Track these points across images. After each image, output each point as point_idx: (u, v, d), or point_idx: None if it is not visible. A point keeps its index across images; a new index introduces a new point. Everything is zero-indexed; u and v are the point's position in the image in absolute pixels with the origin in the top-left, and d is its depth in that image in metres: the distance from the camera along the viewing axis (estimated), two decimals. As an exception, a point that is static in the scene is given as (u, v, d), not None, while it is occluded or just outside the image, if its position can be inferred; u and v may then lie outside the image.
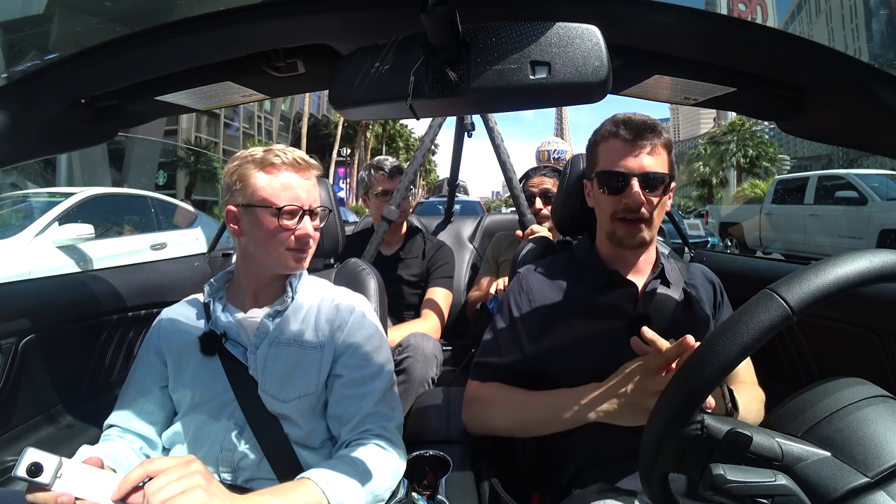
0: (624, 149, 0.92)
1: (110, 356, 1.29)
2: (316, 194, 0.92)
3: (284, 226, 0.87)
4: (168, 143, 17.74)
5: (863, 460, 0.42)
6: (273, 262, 0.90)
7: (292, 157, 0.90)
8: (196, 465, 0.63)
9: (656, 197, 0.92)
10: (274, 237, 0.88)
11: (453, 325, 2.01)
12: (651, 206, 0.92)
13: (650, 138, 0.92)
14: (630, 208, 0.91)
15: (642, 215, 0.92)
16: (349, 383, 0.89)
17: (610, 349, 0.92)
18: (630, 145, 0.92)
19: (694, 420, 0.46)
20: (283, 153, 0.89)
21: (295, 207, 0.88)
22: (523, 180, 1.99)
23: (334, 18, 0.63)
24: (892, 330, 1.03)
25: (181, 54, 0.71)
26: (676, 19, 0.62)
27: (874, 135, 0.72)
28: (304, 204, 0.89)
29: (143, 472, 0.61)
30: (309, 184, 0.91)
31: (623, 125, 0.93)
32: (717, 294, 1.05)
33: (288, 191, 0.88)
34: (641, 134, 0.92)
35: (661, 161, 0.92)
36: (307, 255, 0.92)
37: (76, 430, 1.12)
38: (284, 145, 0.93)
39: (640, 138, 0.92)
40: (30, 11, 2.10)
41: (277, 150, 0.90)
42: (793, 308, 0.43)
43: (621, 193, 0.92)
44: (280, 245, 0.88)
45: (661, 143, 0.93)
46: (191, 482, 0.60)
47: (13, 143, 0.74)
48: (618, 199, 0.93)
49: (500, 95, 0.61)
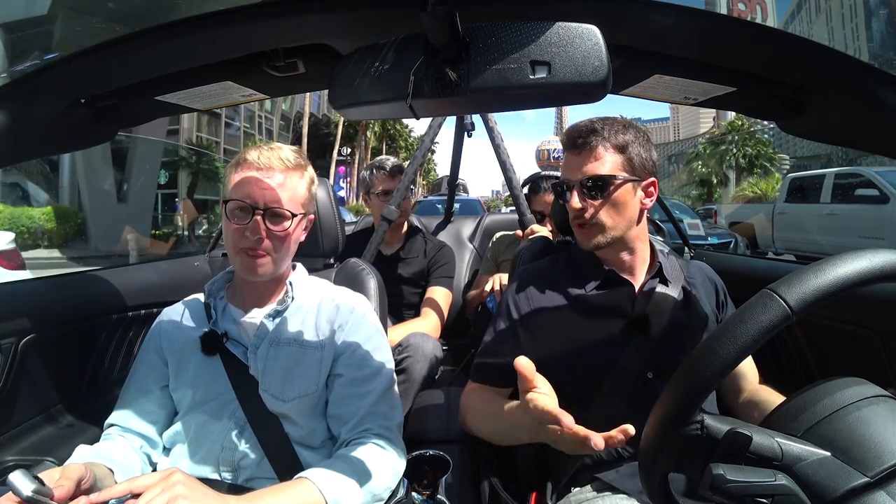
0: (567, 158, 0.97)
1: (110, 356, 1.29)
2: (279, 195, 0.86)
3: (233, 224, 0.85)
4: (170, 143, 17.90)
5: (862, 460, 0.42)
6: (233, 263, 0.89)
7: (267, 155, 0.87)
8: (177, 475, 0.64)
9: (602, 200, 0.93)
10: (229, 236, 0.86)
11: (453, 325, 2.01)
12: (595, 209, 0.94)
13: (588, 143, 0.94)
14: (575, 214, 0.95)
15: (585, 220, 0.94)
16: (349, 382, 0.89)
17: (609, 349, 0.92)
18: (571, 155, 0.96)
19: (694, 420, 0.46)
20: (260, 151, 0.88)
21: (243, 204, 0.84)
22: (529, 192, 1.99)
23: (334, 18, 0.63)
24: (892, 329, 1.03)
25: (181, 54, 0.70)
26: (676, 19, 0.62)
27: (874, 135, 0.72)
28: (257, 202, 0.84)
29: (126, 488, 0.63)
30: (271, 182, 0.86)
31: (566, 135, 0.97)
32: (719, 293, 1.05)
33: (241, 188, 0.85)
34: (575, 141, 0.95)
35: (602, 164, 0.93)
36: (258, 261, 0.86)
37: (76, 430, 1.12)
38: (282, 144, 0.93)
39: (575, 146, 0.95)
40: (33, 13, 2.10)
41: (260, 148, 0.88)
42: (792, 308, 0.43)
43: (567, 202, 0.96)
44: (233, 246, 0.86)
45: (604, 145, 0.93)
46: (173, 493, 0.61)
47: (13, 143, 0.74)
48: (569, 207, 0.96)
49: (499, 95, 0.60)
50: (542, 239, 1.34)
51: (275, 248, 0.87)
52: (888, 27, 21.95)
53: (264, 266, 0.87)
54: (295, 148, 0.95)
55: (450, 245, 2.08)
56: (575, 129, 0.96)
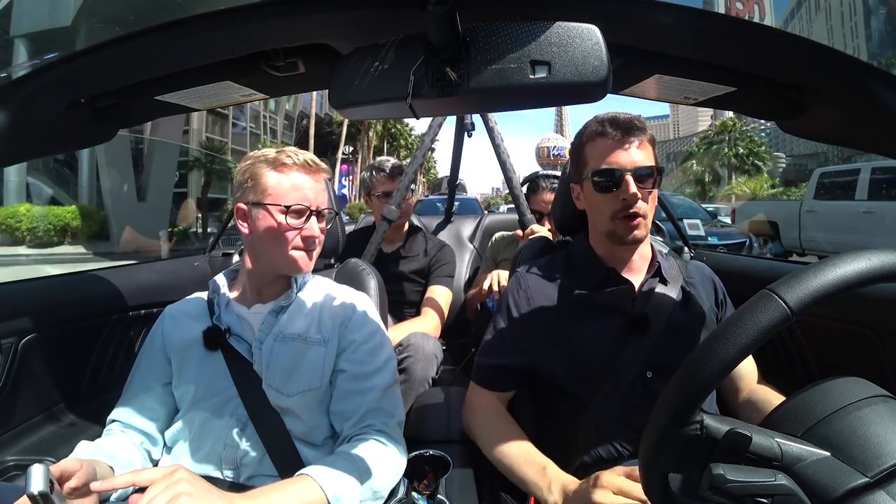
0: (613, 146, 0.93)
1: (110, 356, 1.29)
2: (324, 196, 0.94)
3: (291, 225, 0.88)
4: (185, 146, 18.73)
5: (862, 460, 0.42)
6: (279, 260, 0.91)
7: (303, 158, 0.91)
8: (180, 473, 0.64)
9: (648, 191, 0.93)
10: (281, 236, 0.89)
11: (453, 325, 2.01)
12: (645, 200, 0.92)
13: (637, 134, 0.93)
14: (627, 204, 0.91)
15: (639, 210, 0.92)
16: (352, 378, 0.90)
17: (608, 348, 0.92)
18: (619, 142, 0.93)
19: (693, 420, 0.46)
20: (294, 154, 0.91)
21: (303, 207, 0.89)
22: (527, 191, 1.99)
23: (334, 18, 0.63)
24: (892, 329, 1.03)
25: (181, 54, 0.71)
26: (676, 19, 0.62)
27: (874, 135, 0.72)
28: (312, 204, 0.90)
29: (130, 479, 0.64)
30: (318, 186, 0.93)
31: (609, 124, 0.94)
32: (718, 293, 1.05)
33: (297, 191, 0.89)
34: (629, 130, 0.93)
35: (648, 155, 0.93)
36: (313, 256, 0.93)
37: (76, 430, 1.12)
38: (292, 146, 0.94)
39: (629, 134, 0.93)
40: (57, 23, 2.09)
41: (289, 151, 0.92)
42: (792, 308, 0.43)
43: (617, 190, 0.92)
44: (286, 244, 0.89)
45: (647, 138, 0.94)
46: (176, 490, 0.62)
47: (13, 143, 0.74)
48: (614, 197, 0.92)
49: (499, 95, 0.60)
50: (541, 239, 1.34)
51: (320, 244, 0.94)
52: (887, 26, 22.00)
53: (314, 259, 0.93)
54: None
55: (450, 245, 2.08)
56: (625, 119, 0.94)
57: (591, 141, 0.96)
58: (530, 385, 1.03)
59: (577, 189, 1.02)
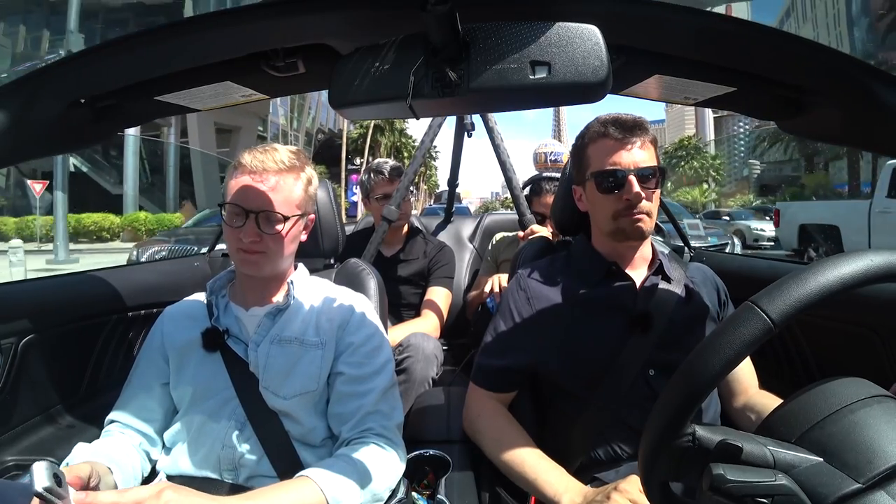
0: (616, 147, 0.93)
1: (110, 356, 1.29)
2: (272, 199, 0.87)
3: (230, 225, 0.88)
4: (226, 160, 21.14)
5: (855, 465, 0.42)
6: (234, 262, 0.92)
7: (260, 158, 0.88)
8: (168, 493, 0.64)
9: (651, 190, 0.93)
10: (228, 236, 0.89)
11: (453, 325, 2.01)
12: (649, 199, 0.93)
13: (639, 134, 0.93)
14: (631, 204, 0.92)
15: (643, 208, 0.92)
16: (350, 381, 0.89)
17: (610, 346, 0.92)
18: (621, 143, 0.93)
19: (685, 432, 0.46)
20: (254, 154, 0.89)
21: (237, 209, 0.87)
22: (530, 193, 1.98)
23: (334, 18, 0.63)
24: (893, 329, 1.03)
25: (181, 54, 0.70)
26: (676, 19, 0.62)
27: (874, 135, 0.72)
28: (249, 206, 0.86)
29: (114, 500, 0.63)
30: (263, 186, 0.87)
31: (611, 124, 0.94)
32: (720, 293, 1.05)
33: (235, 192, 0.88)
34: (632, 131, 0.93)
35: (651, 155, 0.94)
36: (254, 260, 0.88)
37: (76, 430, 1.12)
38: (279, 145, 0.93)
39: (631, 135, 0.93)
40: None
41: (255, 151, 0.90)
42: (773, 320, 0.43)
43: (620, 191, 0.92)
44: (231, 245, 0.89)
45: (649, 138, 0.95)
46: None
47: (13, 143, 0.74)
48: (617, 197, 0.93)
49: (499, 95, 0.60)
50: (542, 239, 1.34)
51: (270, 247, 0.88)
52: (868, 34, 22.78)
53: (261, 263, 0.89)
54: (294, 148, 0.95)
55: (450, 245, 2.08)
56: (627, 119, 0.95)
57: (594, 142, 0.97)
58: (530, 385, 1.03)
59: (580, 190, 1.02)
